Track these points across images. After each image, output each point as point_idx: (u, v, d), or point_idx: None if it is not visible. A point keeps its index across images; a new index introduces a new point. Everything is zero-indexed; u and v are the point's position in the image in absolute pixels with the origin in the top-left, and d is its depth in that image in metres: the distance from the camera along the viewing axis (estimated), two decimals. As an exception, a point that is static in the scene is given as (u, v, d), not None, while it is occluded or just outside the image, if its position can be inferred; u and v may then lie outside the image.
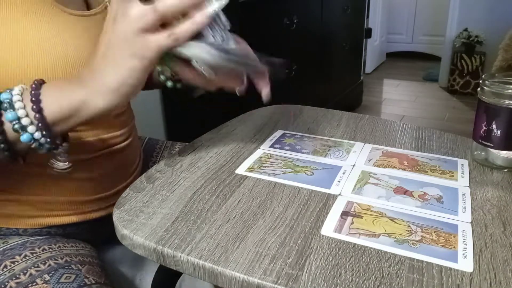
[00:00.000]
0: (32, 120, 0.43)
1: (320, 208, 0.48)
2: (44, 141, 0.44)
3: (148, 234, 0.44)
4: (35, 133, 0.43)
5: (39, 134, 0.43)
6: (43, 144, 0.44)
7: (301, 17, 1.76)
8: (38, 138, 0.43)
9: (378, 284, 0.37)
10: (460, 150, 0.63)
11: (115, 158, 0.62)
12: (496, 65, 2.28)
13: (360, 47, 2.74)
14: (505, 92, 0.53)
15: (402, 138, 0.67)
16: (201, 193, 0.52)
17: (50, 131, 0.44)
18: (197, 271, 0.41)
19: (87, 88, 0.43)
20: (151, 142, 0.82)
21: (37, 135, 0.43)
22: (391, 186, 0.53)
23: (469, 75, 3.00)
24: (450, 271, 0.38)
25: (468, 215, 0.47)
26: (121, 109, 0.64)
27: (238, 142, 0.66)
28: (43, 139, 0.44)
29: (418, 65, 3.85)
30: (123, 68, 0.42)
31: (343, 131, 0.70)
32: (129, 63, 0.42)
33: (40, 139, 0.43)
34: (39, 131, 0.43)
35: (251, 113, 0.79)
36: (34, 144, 0.44)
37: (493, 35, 2.81)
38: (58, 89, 0.44)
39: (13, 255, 0.53)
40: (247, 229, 0.44)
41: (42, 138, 0.43)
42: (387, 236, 0.43)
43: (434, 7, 3.81)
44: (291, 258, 0.40)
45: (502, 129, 0.54)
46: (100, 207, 0.62)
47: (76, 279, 0.52)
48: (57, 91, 0.44)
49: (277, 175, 0.55)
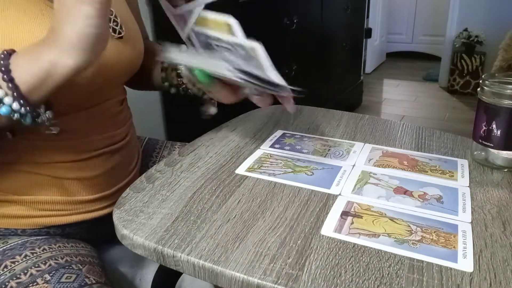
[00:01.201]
0: (7, 91, 0.42)
1: (320, 208, 0.48)
2: (24, 111, 0.43)
3: (148, 234, 0.44)
4: (13, 103, 0.42)
5: (17, 105, 0.43)
6: (24, 114, 0.44)
7: (301, 17, 1.76)
8: (17, 108, 0.43)
9: (378, 284, 0.37)
10: (460, 150, 0.63)
11: (113, 157, 0.62)
12: (496, 65, 2.28)
13: (360, 47, 2.74)
14: (505, 92, 0.53)
15: (402, 138, 0.67)
16: (201, 193, 0.52)
17: (27, 100, 0.43)
18: (197, 271, 0.41)
19: (52, 48, 0.43)
20: (151, 142, 0.82)
21: (15, 105, 0.43)
22: (391, 186, 0.53)
23: (469, 75, 3.00)
24: (450, 271, 0.38)
25: (468, 215, 0.47)
26: (115, 96, 0.64)
27: (238, 142, 0.66)
28: (23, 109, 0.43)
29: (418, 65, 3.85)
30: (77, 18, 0.41)
31: (343, 131, 0.70)
32: (80, 11, 0.41)
33: (20, 110, 0.43)
34: (16, 101, 0.42)
35: (251, 113, 0.79)
36: (16, 116, 0.43)
37: (493, 35, 2.81)
38: (26, 56, 0.44)
39: (13, 255, 0.53)
40: (247, 229, 0.44)
41: (22, 108, 0.43)
42: (387, 236, 0.43)
43: (434, 7, 3.81)
44: (291, 258, 0.40)
45: (502, 129, 0.54)
46: (99, 207, 0.62)
47: (77, 279, 0.52)
48: (26, 58, 0.43)
49: (277, 175, 0.55)
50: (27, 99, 0.43)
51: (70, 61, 0.42)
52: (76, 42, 0.42)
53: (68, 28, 0.42)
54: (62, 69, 0.43)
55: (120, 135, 0.64)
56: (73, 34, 0.42)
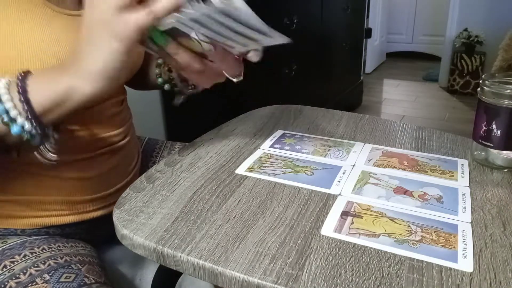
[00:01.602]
0: (21, 112, 0.42)
1: (320, 208, 0.48)
2: (35, 132, 0.43)
3: (148, 234, 0.44)
4: (25, 124, 0.43)
5: (29, 126, 0.43)
6: (34, 135, 0.44)
7: (301, 17, 1.76)
8: (28, 129, 0.43)
9: (378, 284, 0.37)
10: (460, 150, 0.63)
11: (113, 157, 0.62)
12: (496, 65, 2.29)
13: (360, 47, 2.74)
14: (505, 92, 0.53)
15: (402, 138, 0.67)
16: (201, 193, 0.52)
17: (40, 122, 0.43)
18: (197, 271, 0.41)
19: (72, 75, 0.43)
20: (151, 142, 0.82)
21: (27, 126, 0.43)
22: (391, 186, 0.53)
23: (469, 75, 3.00)
24: (450, 271, 0.38)
25: (468, 215, 0.47)
26: (115, 96, 0.63)
27: (238, 142, 0.66)
28: (34, 130, 0.43)
29: (418, 65, 3.85)
30: (105, 51, 0.41)
31: (343, 131, 0.70)
32: (110, 45, 0.41)
33: (31, 131, 0.43)
34: (29, 122, 0.43)
35: (251, 113, 0.79)
36: (26, 136, 0.43)
37: (493, 35, 2.81)
38: (45, 79, 0.44)
39: (13, 254, 0.53)
40: (247, 229, 0.44)
41: (33, 130, 0.43)
42: (387, 236, 0.43)
43: (434, 7, 3.81)
44: (291, 258, 0.40)
45: (502, 129, 0.54)
46: (98, 207, 0.62)
47: (76, 278, 0.52)
48: (44, 80, 0.44)
49: (277, 175, 0.55)
50: (39, 121, 0.43)
51: (89, 89, 0.43)
52: (99, 73, 0.42)
53: (93, 59, 0.42)
54: (79, 96, 0.43)
55: (120, 135, 0.64)
56: (97, 65, 0.42)
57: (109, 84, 0.43)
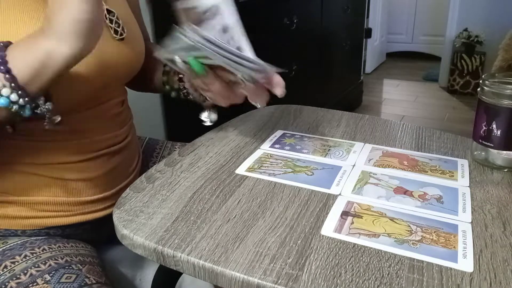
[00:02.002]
0: (4, 83, 0.42)
1: (320, 208, 0.48)
2: (23, 102, 0.43)
3: (148, 234, 0.44)
4: (11, 95, 0.42)
5: (15, 96, 0.43)
6: (23, 105, 0.43)
7: (301, 17, 1.76)
8: (15, 100, 0.43)
9: (378, 284, 0.37)
10: (460, 150, 0.63)
11: (113, 158, 0.62)
12: (496, 65, 2.29)
13: (360, 47, 2.74)
14: (505, 92, 0.53)
15: (402, 138, 0.67)
16: (201, 193, 0.52)
17: (25, 91, 0.43)
18: (197, 271, 0.41)
19: (47, 37, 0.42)
20: (151, 142, 0.82)
21: (13, 97, 0.42)
22: (391, 186, 0.53)
23: (469, 75, 3.00)
24: (450, 271, 0.38)
25: (468, 215, 0.47)
26: (115, 97, 0.63)
27: (238, 142, 0.66)
28: (21, 100, 0.43)
29: (418, 65, 3.85)
30: (69, 5, 0.41)
31: (343, 131, 0.70)
32: None
33: (18, 101, 0.43)
34: (14, 92, 0.42)
35: (251, 113, 0.79)
36: (14, 107, 0.43)
37: (493, 35, 2.81)
38: (23, 47, 0.44)
39: (13, 255, 0.53)
40: (247, 229, 0.44)
41: (20, 99, 0.43)
42: (387, 236, 0.43)
43: (434, 7, 3.81)
44: (291, 258, 0.40)
45: (502, 129, 0.54)
46: (99, 208, 0.62)
47: (77, 279, 0.52)
48: (22, 48, 0.43)
49: (277, 175, 0.55)
50: (25, 89, 0.43)
51: (66, 49, 0.42)
52: (70, 29, 0.42)
53: (61, 16, 0.41)
54: (58, 58, 0.43)
55: (121, 135, 0.64)
56: (67, 21, 0.41)
57: (84, 40, 0.43)
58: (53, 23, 0.42)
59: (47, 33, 0.43)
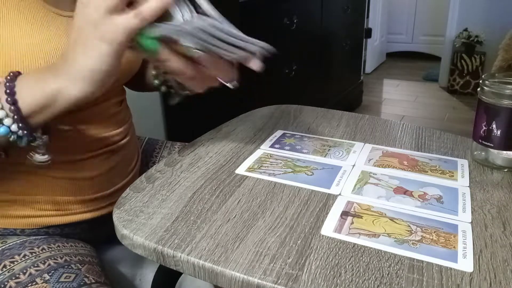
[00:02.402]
0: (8, 113, 0.42)
1: (320, 208, 0.48)
2: (21, 133, 0.43)
3: (148, 234, 0.44)
4: (12, 125, 0.43)
5: (15, 127, 0.43)
6: (21, 136, 0.44)
7: (301, 17, 1.76)
8: (15, 130, 0.43)
9: (378, 284, 0.37)
10: (460, 150, 0.63)
11: (112, 157, 0.62)
12: (496, 65, 2.29)
13: (360, 47, 2.74)
14: (505, 92, 0.53)
15: (402, 138, 0.67)
16: (201, 193, 0.52)
17: (27, 123, 0.43)
18: (197, 271, 0.41)
19: (60, 77, 0.43)
20: (151, 142, 0.82)
21: (14, 127, 0.43)
22: (391, 186, 0.53)
23: (469, 75, 3.00)
24: (450, 271, 0.38)
25: (468, 215, 0.47)
26: (114, 97, 0.63)
27: (238, 142, 0.66)
28: (21, 132, 0.43)
29: (418, 65, 3.85)
30: (93, 54, 0.41)
31: (343, 131, 0.70)
32: (98, 48, 0.41)
33: (17, 132, 0.43)
34: (16, 123, 0.43)
35: (251, 113, 0.79)
36: (12, 137, 0.43)
37: (493, 35, 2.81)
38: (33, 80, 0.44)
39: (12, 254, 0.53)
40: (247, 229, 0.44)
41: (20, 131, 0.43)
42: (387, 236, 0.43)
43: (434, 7, 3.81)
44: (291, 258, 0.40)
45: (502, 129, 0.54)
46: (98, 207, 0.62)
47: (76, 278, 0.52)
48: (31, 82, 0.44)
49: (277, 175, 0.55)
50: (26, 122, 0.43)
51: (76, 92, 0.43)
52: (86, 76, 0.42)
53: (82, 61, 0.42)
54: (66, 98, 0.43)
55: (120, 135, 0.64)
56: (85, 68, 0.42)
57: (97, 87, 0.43)
58: (71, 65, 0.42)
59: (61, 73, 0.43)
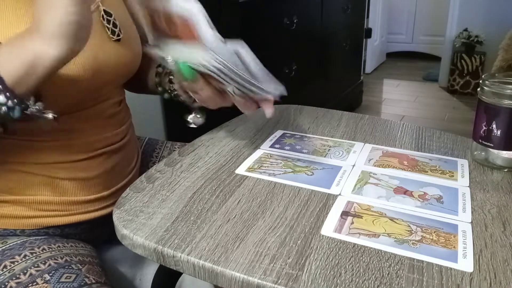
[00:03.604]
0: None
1: (320, 208, 0.48)
2: (11, 103, 0.43)
3: (148, 234, 0.44)
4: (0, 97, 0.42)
5: (3, 98, 0.42)
6: (12, 107, 0.43)
7: (301, 17, 1.76)
8: (3, 101, 0.42)
9: (378, 284, 0.37)
10: (460, 150, 0.63)
11: (112, 157, 0.62)
12: (496, 65, 2.29)
13: (360, 47, 2.74)
14: (505, 92, 0.53)
15: (402, 138, 0.67)
16: (201, 193, 0.52)
17: (13, 92, 0.43)
18: (197, 271, 0.41)
19: (33, 40, 0.42)
20: (151, 142, 0.82)
21: (1, 98, 0.42)
22: (391, 186, 0.53)
23: (469, 75, 3.00)
24: (450, 271, 0.38)
25: (468, 215, 0.47)
26: (113, 97, 0.63)
27: (238, 142, 0.66)
28: (10, 102, 0.43)
29: (418, 65, 3.84)
30: (57, 6, 0.41)
31: (343, 131, 0.70)
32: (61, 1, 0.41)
33: (7, 103, 0.43)
34: (2, 94, 0.42)
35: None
36: (3, 109, 0.43)
37: (493, 35, 2.81)
38: (9, 48, 0.43)
39: (13, 255, 0.53)
40: (247, 229, 0.44)
41: (9, 101, 0.43)
42: (387, 236, 0.43)
43: (434, 7, 3.80)
44: (291, 258, 0.40)
45: (502, 129, 0.54)
46: (98, 207, 0.62)
47: (77, 278, 0.52)
48: (8, 50, 0.43)
49: (277, 175, 0.55)
50: (13, 91, 0.43)
51: (53, 51, 0.42)
52: (57, 31, 0.41)
53: (48, 17, 0.41)
54: (46, 60, 0.42)
55: (119, 135, 0.64)
56: (54, 23, 0.41)
57: (72, 41, 0.42)
58: (40, 24, 0.42)
59: (34, 35, 0.42)
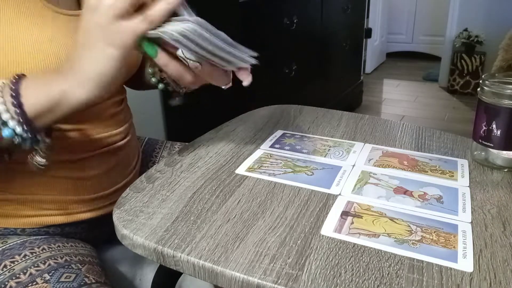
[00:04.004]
0: (13, 115, 0.42)
1: (320, 208, 0.48)
2: (26, 136, 0.43)
3: (148, 234, 0.44)
4: (17, 128, 0.42)
5: (20, 129, 0.43)
6: (25, 139, 0.44)
7: (301, 17, 1.76)
8: (20, 133, 0.43)
9: (378, 284, 0.37)
10: (460, 150, 0.63)
11: (112, 157, 0.62)
12: (496, 65, 2.29)
13: (360, 47, 2.74)
14: (505, 92, 0.53)
15: (402, 138, 0.67)
16: (201, 193, 0.52)
17: (32, 126, 0.43)
18: (197, 271, 0.41)
19: (66, 80, 0.43)
20: (151, 142, 0.82)
21: (18, 130, 0.43)
22: (391, 186, 0.53)
23: (469, 75, 3.00)
24: (450, 271, 0.38)
25: (468, 215, 0.47)
26: (114, 96, 0.63)
27: (238, 142, 0.66)
28: (25, 134, 0.43)
29: (418, 65, 3.84)
30: (100, 57, 0.42)
31: (343, 131, 0.70)
32: (106, 52, 0.41)
33: (22, 134, 0.43)
34: (21, 126, 0.42)
35: (251, 113, 0.79)
36: (17, 140, 0.43)
37: (493, 35, 2.81)
38: (38, 83, 0.44)
39: (13, 254, 0.53)
40: (247, 229, 0.44)
41: (24, 133, 0.43)
42: (387, 236, 0.43)
43: (434, 7, 3.80)
44: (291, 258, 0.40)
45: (502, 129, 0.54)
46: (98, 207, 0.62)
47: (76, 278, 0.52)
48: (37, 84, 0.44)
49: (277, 175, 0.55)
50: (31, 125, 0.43)
51: (82, 95, 0.43)
52: (93, 79, 0.42)
53: (89, 65, 0.42)
54: (73, 100, 0.43)
55: (120, 135, 0.64)
56: (92, 71, 0.42)
57: (103, 90, 0.43)
58: (77, 68, 0.42)
59: (68, 75, 0.43)
